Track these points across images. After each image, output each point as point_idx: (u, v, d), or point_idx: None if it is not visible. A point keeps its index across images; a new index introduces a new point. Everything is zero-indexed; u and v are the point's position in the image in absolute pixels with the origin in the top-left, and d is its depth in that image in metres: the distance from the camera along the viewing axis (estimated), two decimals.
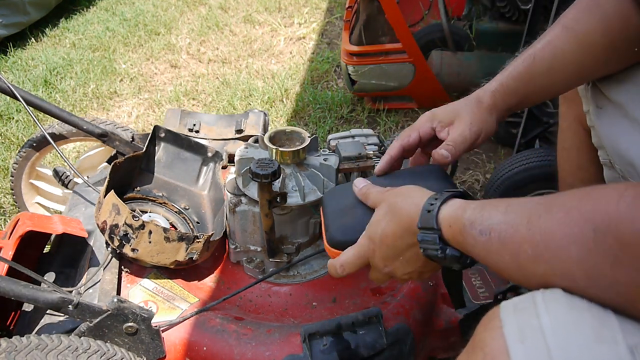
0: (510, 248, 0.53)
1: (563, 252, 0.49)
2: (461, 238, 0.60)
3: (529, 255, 0.51)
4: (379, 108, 2.33)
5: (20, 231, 0.97)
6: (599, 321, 0.46)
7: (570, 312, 0.48)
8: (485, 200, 0.59)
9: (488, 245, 0.56)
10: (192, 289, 1.07)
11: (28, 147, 1.50)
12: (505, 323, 0.49)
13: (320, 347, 0.92)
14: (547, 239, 0.50)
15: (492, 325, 0.50)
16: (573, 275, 0.49)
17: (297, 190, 1.02)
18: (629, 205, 0.45)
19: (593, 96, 0.91)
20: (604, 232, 0.46)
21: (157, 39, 3.19)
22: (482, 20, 2.41)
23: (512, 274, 0.54)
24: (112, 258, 1.06)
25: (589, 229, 0.47)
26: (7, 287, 0.81)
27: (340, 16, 3.35)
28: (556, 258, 0.49)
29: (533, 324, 0.47)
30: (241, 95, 2.54)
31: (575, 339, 0.45)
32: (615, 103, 0.78)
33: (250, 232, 1.08)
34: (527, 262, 0.52)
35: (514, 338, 0.47)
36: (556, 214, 0.50)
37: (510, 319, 0.49)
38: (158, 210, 1.20)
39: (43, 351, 0.77)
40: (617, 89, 0.78)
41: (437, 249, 0.63)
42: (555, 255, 0.49)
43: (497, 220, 0.56)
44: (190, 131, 1.41)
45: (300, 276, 1.11)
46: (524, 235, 0.52)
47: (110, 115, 2.48)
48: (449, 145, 0.80)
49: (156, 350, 0.92)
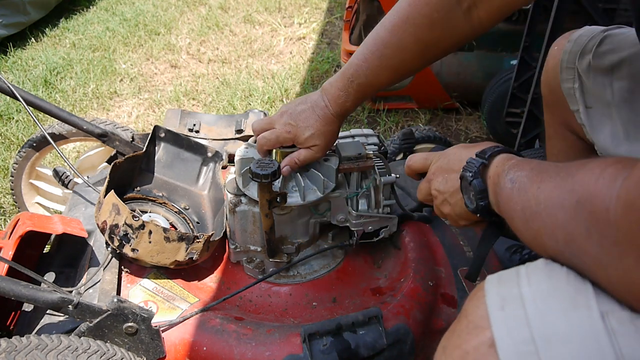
0: (522, 200, 0.59)
1: (553, 215, 0.53)
2: (497, 180, 0.67)
3: (533, 210, 0.56)
4: (379, 108, 2.33)
5: (20, 231, 0.97)
6: (575, 289, 0.49)
7: (549, 280, 0.51)
8: (521, 160, 0.66)
9: (510, 194, 0.62)
10: (192, 289, 1.07)
11: (28, 147, 1.50)
12: (488, 293, 0.53)
13: (320, 347, 0.92)
14: (546, 199, 0.54)
15: (477, 296, 0.54)
16: (556, 237, 0.53)
17: (297, 190, 1.02)
18: (605, 182, 0.47)
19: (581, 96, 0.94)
20: (582, 205, 0.49)
21: (157, 39, 3.19)
22: None
23: (518, 225, 0.59)
24: (112, 258, 1.06)
25: (573, 199, 0.50)
26: (7, 287, 0.81)
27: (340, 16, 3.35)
28: (548, 218, 0.54)
29: (514, 292, 0.51)
30: (241, 95, 2.54)
31: (552, 306, 0.49)
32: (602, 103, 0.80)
33: (250, 232, 1.08)
34: (530, 216, 0.57)
35: (495, 306, 0.51)
36: (557, 179, 0.54)
37: (493, 290, 0.53)
38: (158, 210, 1.20)
39: (43, 351, 0.77)
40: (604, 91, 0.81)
41: (473, 171, 0.70)
42: (548, 215, 0.54)
43: (524, 174, 0.62)
44: (190, 131, 1.41)
45: (300, 276, 1.11)
46: (534, 192, 0.57)
47: (110, 115, 2.48)
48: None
49: (156, 350, 0.92)
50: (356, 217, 1.06)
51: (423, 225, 1.21)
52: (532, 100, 1.74)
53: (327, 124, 0.97)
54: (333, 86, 0.96)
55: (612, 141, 0.89)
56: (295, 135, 0.97)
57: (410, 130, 1.60)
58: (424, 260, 1.11)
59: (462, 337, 0.53)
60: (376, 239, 1.12)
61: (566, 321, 0.47)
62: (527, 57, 1.84)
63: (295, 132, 0.97)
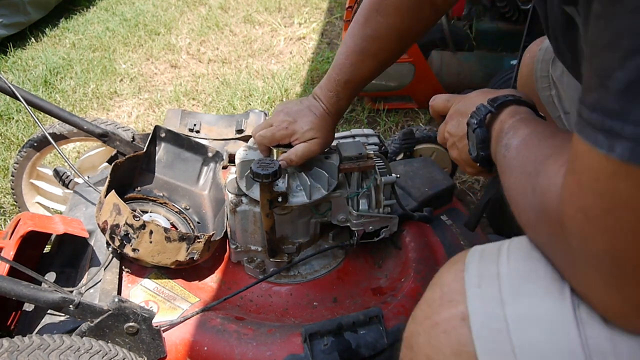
0: (514, 172, 0.59)
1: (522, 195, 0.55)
2: (498, 136, 0.66)
3: (520, 184, 0.56)
4: (379, 108, 2.33)
5: (21, 231, 0.97)
6: (552, 274, 0.49)
7: (527, 262, 0.51)
8: (526, 117, 0.65)
9: (503, 161, 0.62)
10: (193, 288, 1.07)
11: (28, 147, 1.50)
12: (467, 268, 0.53)
13: (321, 347, 0.92)
14: (526, 177, 0.55)
15: (455, 269, 0.55)
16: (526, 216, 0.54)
17: (303, 189, 1.02)
18: (555, 174, 0.48)
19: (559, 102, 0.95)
20: (538, 192, 0.51)
21: (157, 39, 3.19)
22: (482, 20, 2.41)
23: (511, 195, 0.59)
24: (112, 258, 1.06)
25: (531, 186, 0.52)
26: (8, 287, 0.81)
27: (340, 16, 3.35)
28: (521, 196, 0.55)
29: (492, 270, 0.52)
30: (241, 95, 2.54)
31: (527, 288, 0.50)
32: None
33: (251, 232, 1.08)
34: (518, 189, 0.57)
35: (472, 282, 0.52)
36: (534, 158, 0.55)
37: (473, 265, 0.54)
38: (159, 210, 1.20)
39: (45, 351, 0.77)
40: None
41: (479, 119, 0.68)
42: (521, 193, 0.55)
43: (517, 142, 0.60)
44: (190, 131, 1.41)
45: (301, 276, 1.11)
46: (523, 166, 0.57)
47: (110, 115, 2.48)
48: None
49: (157, 350, 0.92)
50: (357, 217, 1.07)
51: (424, 225, 1.21)
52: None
53: (324, 121, 0.98)
54: (323, 89, 0.99)
55: None
56: (294, 130, 0.97)
57: (411, 130, 1.60)
58: (424, 260, 1.11)
59: (433, 307, 0.54)
60: (377, 239, 1.12)
61: (538, 305, 0.48)
62: None
63: (293, 127, 0.97)
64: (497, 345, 0.48)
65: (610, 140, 0.37)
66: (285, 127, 0.97)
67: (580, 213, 0.42)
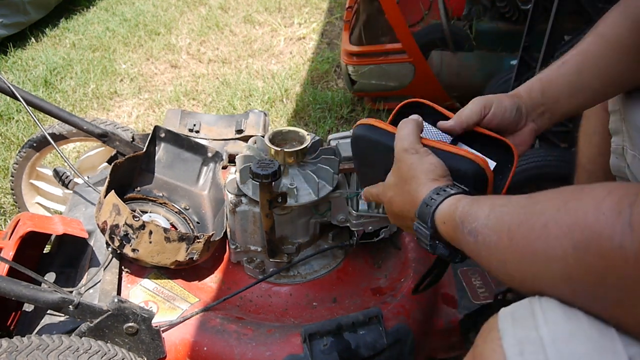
0: (496, 255, 0.53)
1: (547, 268, 0.47)
2: (454, 235, 0.60)
3: (516, 266, 0.51)
4: (379, 108, 2.33)
5: (21, 231, 0.97)
6: (598, 331, 0.45)
7: (568, 322, 0.46)
8: (475, 198, 0.59)
9: (477, 248, 0.56)
10: (193, 289, 1.07)
11: (28, 147, 1.50)
12: (504, 335, 0.48)
13: (321, 347, 0.92)
14: (530, 253, 0.48)
15: (491, 337, 0.50)
16: (560, 289, 0.47)
17: (309, 186, 1.02)
18: (607, 218, 0.41)
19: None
20: (584, 250, 0.43)
21: (157, 39, 3.19)
22: (482, 20, 2.41)
23: (503, 278, 0.54)
24: (112, 258, 1.06)
25: (568, 246, 0.44)
26: (8, 288, 0.81)
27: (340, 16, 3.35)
28: (541, 273, 0.48)
29: (532, 336, 0.46)
30: (241, 95, 2.54)
31: (575, 351, 0.44)
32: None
33: (251, 232, 1.08)
34: (514, 272, 0.51)
35: (513, 351, 0.47)
36: (535, 226, 0.48)
37: (508, 331, 0.48)
38: (158, 211, 1.20)
39: (44, 351, 0.77)
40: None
41: (427, 244, 0.64)
42: (541, 270, 0.48)
43: (482, 223, 0.55)
44: (190, 131, 1.41)
45: (300, 276, 1.11)
46: (507, 245, 0.51)
47: (110, 115, 2.48)
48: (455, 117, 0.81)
49: (156, 350, 0.92)
50: (356, 217, 1.07)
51: None
52: None
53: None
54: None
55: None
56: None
57: None
58: (424, 260, 1.11)
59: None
60: (376, 239, 1.12)
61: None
62: (527, 57, 1.84)
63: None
64: None
65: None
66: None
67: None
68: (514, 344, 0.47)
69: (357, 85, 2.25)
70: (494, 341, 0.49)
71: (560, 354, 0.44)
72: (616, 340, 0.44)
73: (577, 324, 0.46)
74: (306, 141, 1.05)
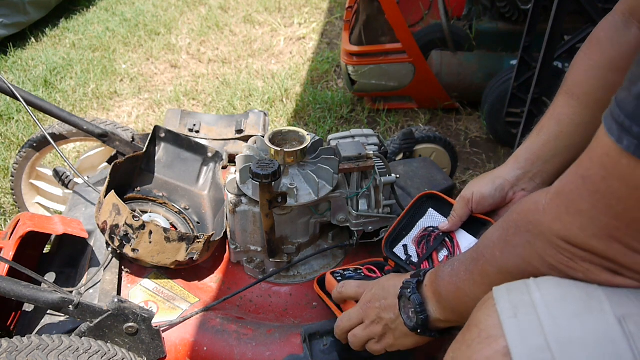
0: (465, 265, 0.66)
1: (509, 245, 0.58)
2: (434, 279, 0.72)
3: (477, 260, 0.64)
4: (379, 108, 2.33)
5: (21, 232, 0.97)
6: (587, 294, 0.49)
7: (559, 287, 0.51)
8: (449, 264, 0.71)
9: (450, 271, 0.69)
10: (193, 289, 1.07)
11: (28, 147, 1.50)
12: (498, 301, 0.52)
13: (321, 347, 0.92)
14: (484, 247, 0.62)
15: (487, 305, 0.53)
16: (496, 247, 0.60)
17: (309, 186, 1.02)
18: (537, 196, 0.55)
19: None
20: (521, 224, 0.56)
21: (157, 39, 3.19)
22: (482, 20, 2.41)
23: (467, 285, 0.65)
24: (112, 258, 1.06)
25: (511, 229, 0.58)
26: (8, 288, 0.81)
27: (340, 16, 3.35)
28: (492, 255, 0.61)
29: (525, 299, 0.51)
30: (241, 95, 2.54)
31: (565, 311, 0.48)
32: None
33: (251, 232, 1.08)
34: (473, 266, 0.64)
35: (507, 314, 0.50)
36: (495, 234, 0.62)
37: (503, 297, 0.52)
38: (158, 211, 1.20)
39: (44, 351, 0.77)
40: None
41: (410, 290, 0.73)
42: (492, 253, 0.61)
43: (455, 259, 0.69)
44: (190, 131, 1.41)
45: (300, 276, 1.11)
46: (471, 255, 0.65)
47: (110, 115, 2.48)
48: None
49: (157, 350, 0.92)
50: (356, 217, 1.07)
51: None
52: (532, 101, 1.74)
53: None
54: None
55: None
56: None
57: (410, 130, 1.60)
58: None
59: (473, 347, 0.51)
60: (376, 239, 1.12)
61: (581, 325, 0.46)
62: (527, 57, 1.84)
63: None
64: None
65: (620, 132, 0.44)
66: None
67: (580, 179, 0.49)
68: (508, 308, 0.51)
69: (357, 85, 2.25)
70: (489, 307, 0.53)
71: (552, 314, 0.48)
72: (604, 301, 0.48)
73: (567, 289, 0.50)
74: (306, 141, 1.05)
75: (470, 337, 0.53)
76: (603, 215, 0.48)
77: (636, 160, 0.44)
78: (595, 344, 0.45)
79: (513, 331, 0.48)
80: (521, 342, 0.48)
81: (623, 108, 0.45)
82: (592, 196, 0.48)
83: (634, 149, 0.43)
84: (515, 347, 0.47)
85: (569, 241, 0.51)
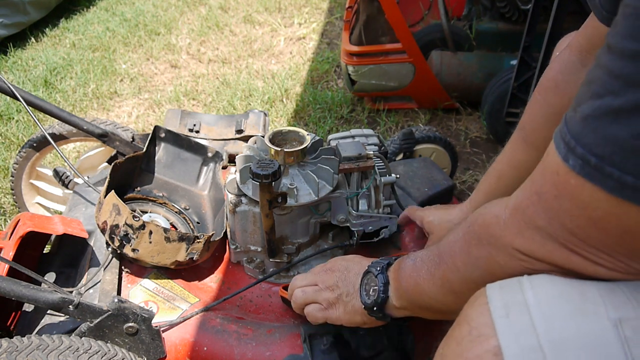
0: (426, 263, 0.70)
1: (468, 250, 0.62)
2: (397, 268, 0.75)
3: (437, 261, 0.68)
4: (379, 108, 2.33)
5: (20, 232, 0.97)
6: (581, 295, 0.48)
7: (553, 286, 0.50)
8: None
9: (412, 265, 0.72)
10: (193, 289, 1.07)
11: (28, 147, 1.50)
12: (490, 299, 0.52)
13: (321, 347, 0.92)
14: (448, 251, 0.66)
15: (479, 302, 0.53)
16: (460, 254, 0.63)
17: (309, 186, 1.02)
18: (498, 211, 0.58)
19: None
20: (481, 237, 0.60)
21: (157, 39, 3.19)
22: (482, 20, 2.41)
23: (426, 284, 0.69)
24: (112, 258, 1.06)
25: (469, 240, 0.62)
26: (8, 288, 0.81)
27: (340, 16, 3.35)
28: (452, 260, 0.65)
29: (518, 298, 0.50)
30: (241, 95, 2.54)
31: (558, 312, 0.48)
32: None
33: (251, 233, 1.08)
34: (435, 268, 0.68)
35: (499, 313, 0.50)
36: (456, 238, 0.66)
37: (495, 296, 0.52)
38: (158, 211, 1.20)
39: (44, 351, 0.77)
40: None
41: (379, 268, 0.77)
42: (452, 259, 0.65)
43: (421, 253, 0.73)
44: (190, 131, 1.41)
45: None
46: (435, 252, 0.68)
47: (110, 115, 2.48)
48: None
49: (157, 350, 0.92)
50: (356, 217, 1.07)
51: None
52: None
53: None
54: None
55: None
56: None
57: (410, 130, 1.60)
58: None
59: (463, 344, 0.51)
60: (376, 239, 1.12)
61: (575, 327, 0.46)
62: (527, 57, 1.84)
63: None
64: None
65: (567, 152, 0.46)
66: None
67: (535, 195, 0.51)
68: (501, 307, 0.50)
69: (357, 85, 2.25)
70: (481, 305, 0.52)
71: (544, 314, 0.48)
72: (599, 304, 0.47)
73: (561, 288, 0.50)
74: (306, 141, 1.05)
75: (460, 334, 0.52)
76: (559, 231, 0.49)
77: (583, 180, 0.45)
78: (588, 347, 0.45)
79: (505, 331, 0.48)
80: (513, 342, 0.47)
81: (570, 128, 0.46)
82: (547, 213, 0.50)
83: (579, 169, 0.45)
84: (507, 346, 0.47)
85: (531, 255, 0.52)
